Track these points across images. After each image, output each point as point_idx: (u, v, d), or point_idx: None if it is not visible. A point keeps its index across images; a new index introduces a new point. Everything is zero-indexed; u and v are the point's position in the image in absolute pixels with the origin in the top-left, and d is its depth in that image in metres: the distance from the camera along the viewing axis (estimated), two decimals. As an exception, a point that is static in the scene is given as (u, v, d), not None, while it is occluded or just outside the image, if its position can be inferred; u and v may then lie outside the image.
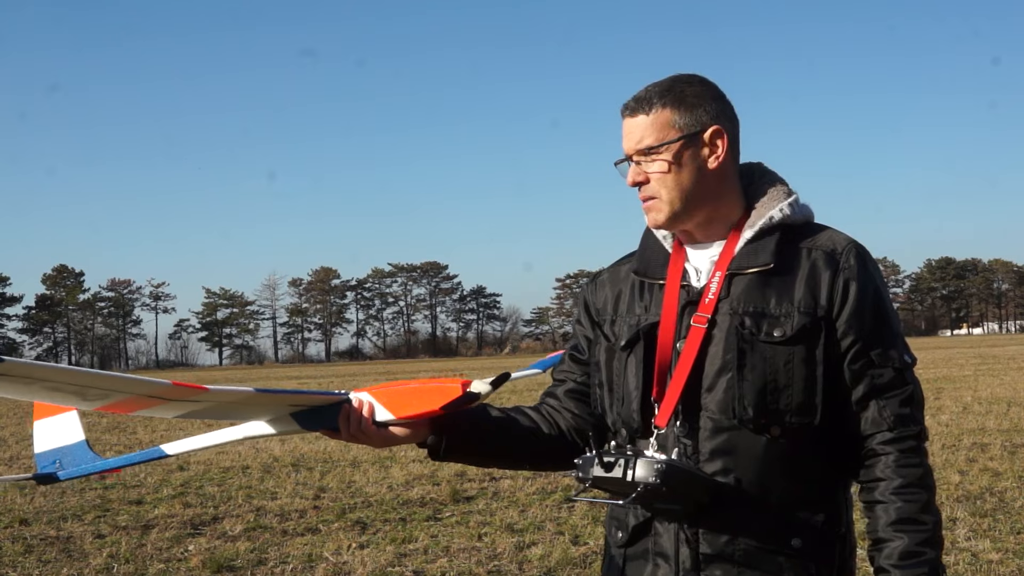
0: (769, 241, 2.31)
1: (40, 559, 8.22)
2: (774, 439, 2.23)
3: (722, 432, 2.25)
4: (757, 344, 2.24)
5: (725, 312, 2.28)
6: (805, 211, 2.39)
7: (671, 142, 2.31)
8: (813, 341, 2.24)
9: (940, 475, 10.72)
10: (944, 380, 27.74)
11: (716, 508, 2.23)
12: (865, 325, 2.26)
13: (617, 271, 2.55)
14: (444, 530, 8.85)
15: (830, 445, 2.29)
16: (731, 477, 2.24)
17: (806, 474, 2.26)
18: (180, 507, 10.36)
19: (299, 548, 8.33)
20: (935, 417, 16.77)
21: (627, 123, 2.35)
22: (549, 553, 7.72)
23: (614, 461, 2.18)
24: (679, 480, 2.17)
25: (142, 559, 8.09)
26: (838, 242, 2.32)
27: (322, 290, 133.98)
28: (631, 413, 2.34)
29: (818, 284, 2.27)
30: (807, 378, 2.23)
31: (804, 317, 2.24)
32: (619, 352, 2.40)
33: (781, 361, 2.23)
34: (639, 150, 2.33)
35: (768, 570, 2.24)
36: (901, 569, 2.18)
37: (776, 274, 2.28)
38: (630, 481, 2.16)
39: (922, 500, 2.22)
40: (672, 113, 2.31)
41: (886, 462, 2.24)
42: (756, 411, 2.22)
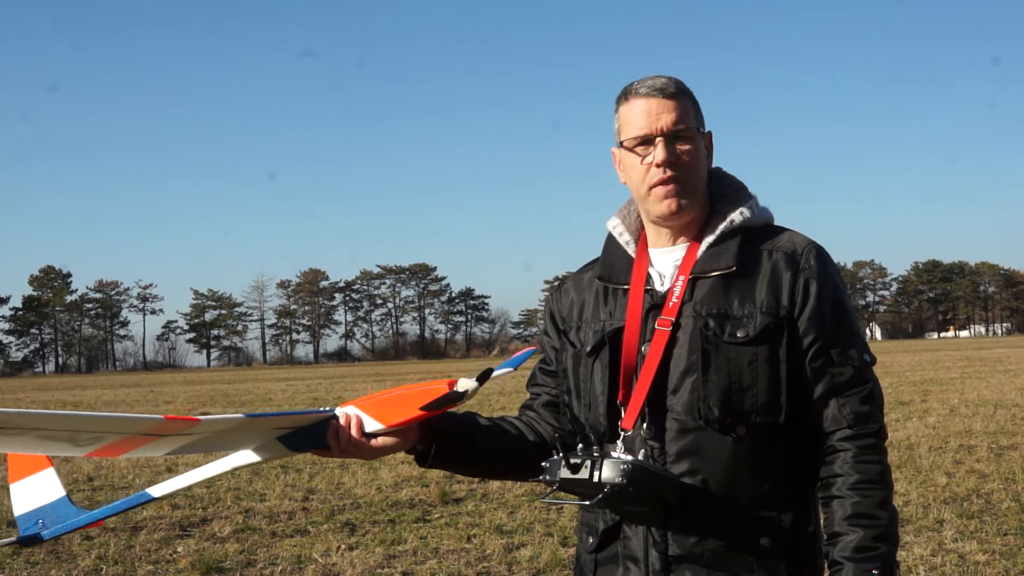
0: (731, 244, 2.35)
1: (28, 561, 8.19)
2: (740, 439, 2.26)
3: (688, 433, 2.27)
4: (721, 345, 2.27)
5: (689, 315, 2.31)
6: (765, 213, 2.43)
7: (700, 131, 2.38)
8: (776, 341, 2.27)
9: (927, 477, 10.77)
10: (931, 383, 27.82)
11: (684, 509, 2.26)
12: (825, 324, 2.30)
13: (580, 278, 2.58)
14: (433, 532, 8.86)
15: (796, 444, 2.32)
16: (698, 478, 2.26)
17: (773, 473, 2.29)
18: (169, 509, 10.34)
19: (288, 550, 8.33)
20: (922, 419, 16.84)
21: (657, 103, 2.35)
22: (538, 555, 7.74)
23: (580, 463, 2.20)
24: (645, 480, 2.19)
25: (131, 561, 8.08)
26: (798, 243, 2.37)
27: (310, 292, 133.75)
28: (598, 417, 2.37)
29: (779, 285, 2.31)
30: (771, 377, 2.26)
31: (766, 317, 2.28)
32: (585, 358, 2.42)
33: (745, 361, 2.26)
34: (679, 130, 2.34)
35: (738, 570, 2.26)
36: (854, 563, 2.21)
37: (738, 276, 2.32)
38: (596, 482, 2.18)
39: (879, 496, 2.25)
40: (691, 106, 2.38)
41: (844, 458, 2.28)
42: (721, 411, 2.25)
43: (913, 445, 13.43)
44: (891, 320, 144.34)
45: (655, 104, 2.34)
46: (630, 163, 2.38)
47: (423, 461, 2.50)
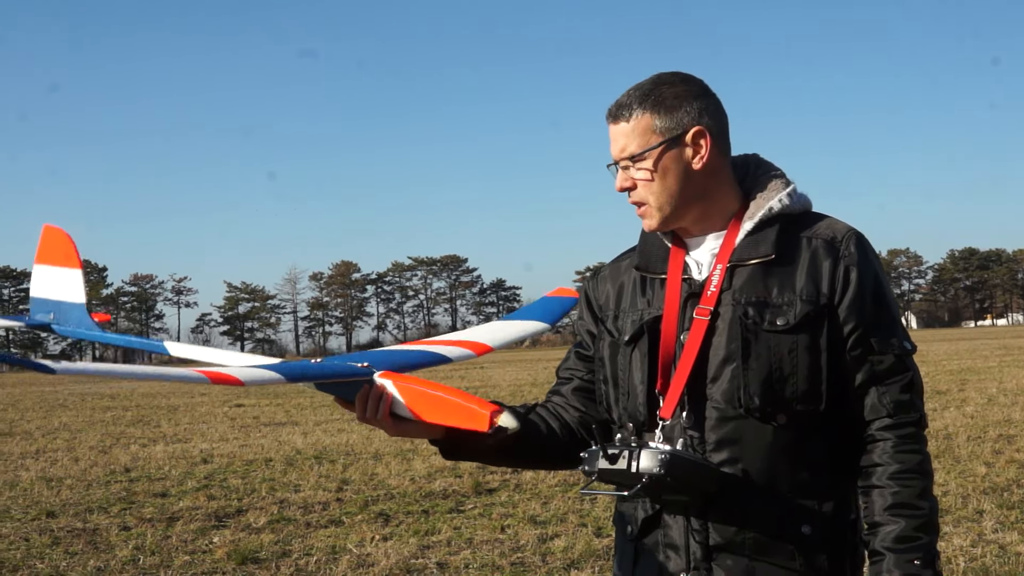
0: (769, 232, 2.32)
1: (67, 551, 8.28)
2: (780, 427, 2.24)
3: (728, 422, 2.26)
4: (761, 333, 2.25)
5: (728, 303, 2.29)
6: (803, 200, 2.40)
7: (653, 148, 2.32)
8: (816, 329, 2.25)
9: (966, 467, 10.66)
10: (968, 371, 27.54)
11: (724, 498, 2.24)
12: (865, 312, 2.27)
13: (618, 266, 2.56)
14: (467, 522, 8.86)
15: (836, 432, 2.30)
16: (738, 466, 2.25)
17: (814, 461, 2.27)
18: (204, 499, 10.42)
19: (323, 540, 8.36)
20: (960, 409, 16.68)
21: (611, 129, 2.37)
22: (572, 545, 7.72)
23: (618, 453, 2.19)
24: (683, 470, 2.18)
25: (167, 551, 8.14)
26: (837, 230, 2.34)
27: (342, 284, 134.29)
28: (637, 406, 2.35)
29: (819, 272, 2.28)
30: (811, 366, 2.24)
31: (807, 305, 2.26)
32: (623, 347, 2.41)
33: (785, 349, 2.24)
34: (623, 158, 2.34)
35: (779, 559, 2.24)
36: (896, 553, 2.19)
37: (777, 264, 2.30)
38: (634, 472, 2.17)
39: (919, 486, 2.23)
40: (652, 118, 2.32)
41: (884, 448, 2.26)
42: (762, 400, 2.23)
43: (951, 435, 13.30)
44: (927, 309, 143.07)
45: (611, 131, 2.37)
46: None
47: (447, 454, 2.49)
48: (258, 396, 26.66)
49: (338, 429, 17.29)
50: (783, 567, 2.24)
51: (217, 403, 26.18)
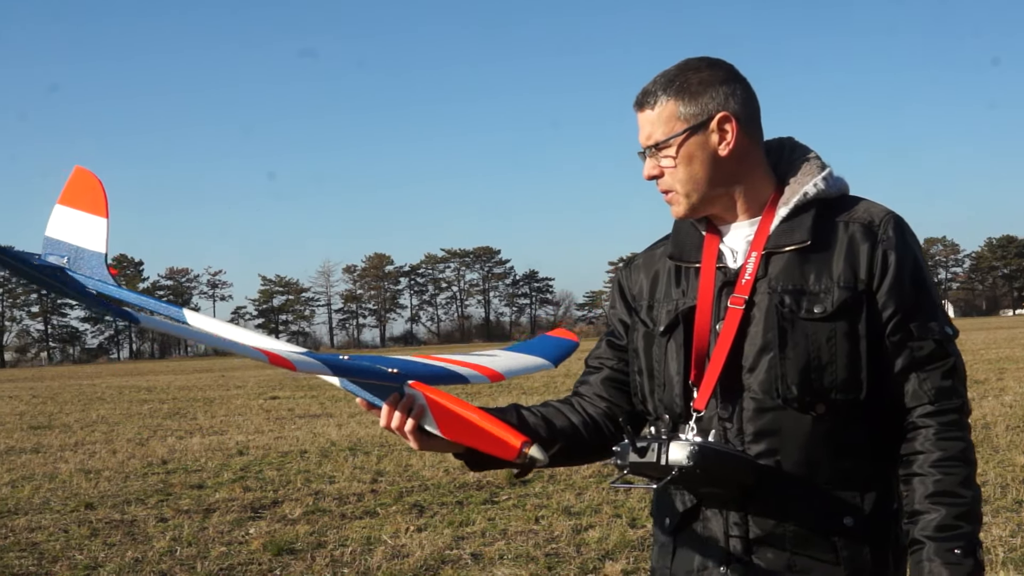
0: (805, 218, 2.28)
1: (105, 542, 8.36)
2: (819, 417, 2.20)
3: (766, 412, 2.22)
4: (798, 322, 2.21)
5: (763, 291, 2.25)
6: (840, 184, 2.34)
7: (677, 135, 2.28)
8: (855, 315, 2.20)
9: (1005, 457, 10.54)
10: (1007, 360, 27.23)
11: (763, 490, 2.20)
12: (905, 297, 2.22)
13: (652, 255, 2.52)
14: (501, 513, 8.87)
15: (877, 421, 2.24)
16: (776, 458, 2.21)
17: (854, 451, 2.23)
18: (240, 491, 10.49)
19: (357, 531, 8.40)
20: (998, 398, 16.50)
21: (638, 117, 2.35)
22: (606, 536, 7.71)
23: (646, 446, 2.16)
24: (713, 461, 2.14)
25: (204, 542, 8.20)
26: (875, 214, 2.28)
27: (376, 276, 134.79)
28: (673, 398, 2.32)
29: (857, 257, 2.23)
30: (851, 353, 2.19)
31: (844, 292, 2.21)
32: (658, 338, 2.37)
33: (823, 337, 2.20)
34: (649, 146, 2.32)
35: (820, 552, 2.20)
36: (936, 542, 2.14)
37: (814, 250, 2.25)
38: (664, 465, 2.13)
39: (961, 474, 2.18)
40: (677, 104, 2.29)
41: (926, 435, 2.20)
42: (800, 389, 2.19)
43: (989, 424, 13.15)
44: (964, 297, 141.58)
45: (638, 119, 2.35)
46: None
47: (474, 467, 2.44)
48: (293, 388, 26.83)
49: (372, 421, 17.34)
50: (825, 560, 2.20)
51: (252, 395, 26.37)
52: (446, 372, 2.70)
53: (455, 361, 2.87)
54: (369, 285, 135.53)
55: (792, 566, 2.21)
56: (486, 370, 2.83)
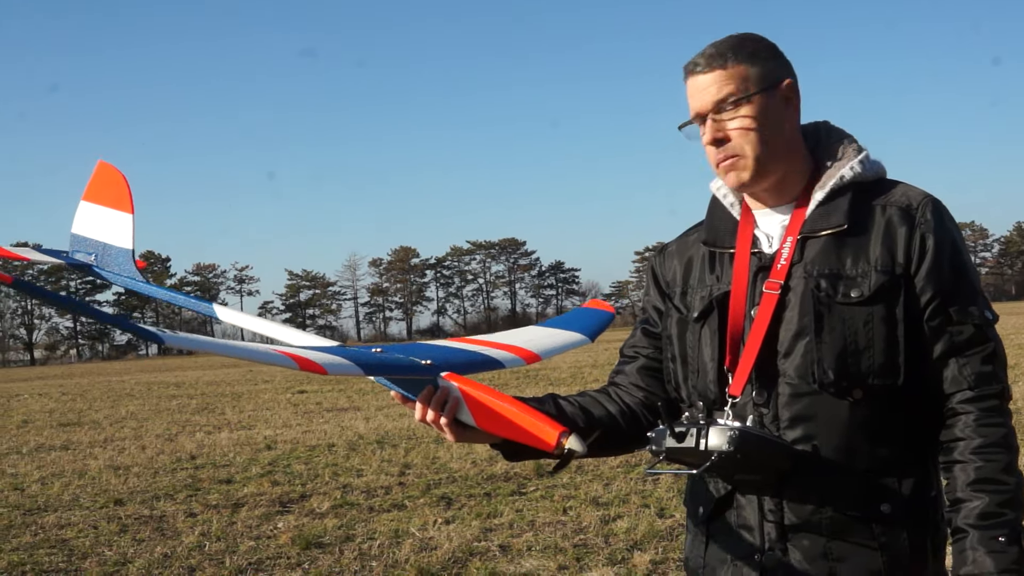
0: (842, 201, 2.24)
1: (135, 538, 8.40)
2: (856, 403, 2.16)
3: (802, 398, 2.18)
4: (835, 306, 2.17)
5: (799, 276, 2.21)
6: (877, 167, 2.30)
7: (752, 95, 2.23)
8: (892, 300, 2.16)
9: (1037, 442, 10.41)
10: (1038, 345, 26.96)
11: (799, 476, 2.16)
12: (944, 281, 2.18)
13: (685, 241, 2.49)
14: (529, 504, 8.84)
15: (915, 407, 2.20)
16: (813, 444, 2.17)
17: (892, 437, 2.18)
18: (268, 485, 10.52)
19: (385, 524, 8.40)
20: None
21: (699, 80, 2.26)
22: (635, 526, 7.67)
23: (685, 431, 2.12)
24: (753, 447, 2.10)
25: (233, 537, 8.22)
26: (913, 197, 2.24)
27: (402, 269, 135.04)
28: (707, 384, 2.28)
29: (895, 241, 2.19)
30: (888, 338, 2.15)
31: (882, 276, 2.17)
32: (692, 324, 2.34)
33: (860, 322, 2.16)
34: (719, 102, 2.24)
35: (858, 539, 2.16)
36: (980, 530, 2.09)
37: (851, 234, 2.21)
38: (703, 450, 2.10)
39: (1003, 460, 2.13)
40: (748, 67, 2.24)
41: (966, 421, 2.16)
42: (837, 374, 2.15)
43: (1019, 410, 12.99)
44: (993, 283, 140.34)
45: (700, 81, 2.26)
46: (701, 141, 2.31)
47: (510, 457, 2.42)
48: (320, 383, 26.90)
49: (399, 414, 17.37)
50: (862, 546, 2.16)
51: (280, 390, 26.47)
52: (480, 358, 2.67)
53: (489, 343, 2.84)
54: (395, 278, 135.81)
55: (828, 553, 2.17)
56: (521, 351, 2.80)
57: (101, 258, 3.22)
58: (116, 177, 3.27)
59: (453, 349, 2.71)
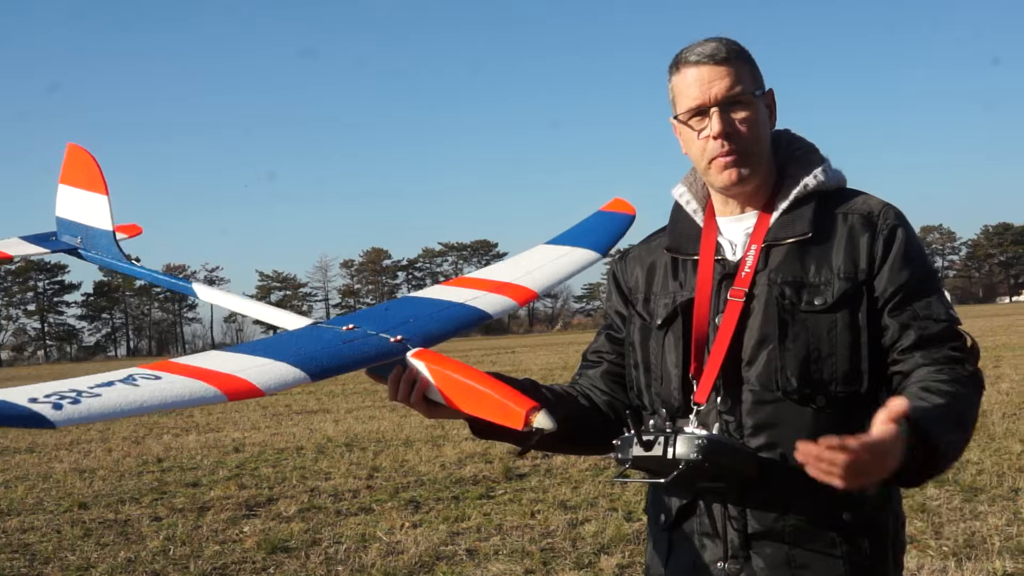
0: (805, 210, 2.25)
1: (98, 542, 8.32)
2: (820, 410, 2.17)
3: (765, 405, 2.18)
4: (798, 314, 2.18)
5: (763, 284, 2.22)
6: (838, 176, 2.32)
7: (758, 95, 2.26)
8: (855, 306, 2.17)
9: (1001, 445, 10.51)
10: (1003, 348, 27.22)
11: (763, 484, 2.16)
12: (907, 278, 2.18)
13: (647, 247, 2.49)
14: (497, 508, 8.83)
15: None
16: (777, 451, 2.17)
17: None
18: (235, 489, 10.45)
19: (352, 528, 8.35)
20: (994, 386, 16.47)
21: (709, 70, 2.23)
22: (602, 530, 7.67)
23: (653, 439, 2.11)
24: (721, 455, 2.10)
25: (198, 541, 8.16)
26: (874, 205, 2.26)
27: (373, 271, 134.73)
28: (671, 391, 2.28)
29: (857, 248, 2.20)
30: (851, 345, 2.16)
31: (845, 283, 2.18)
32: (656, 331, 2.34)
33: (824, 330, 2.16)
34: (732, 97, 2.22)
35: (819, 546, 2.17)
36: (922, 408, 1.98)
37: (814, 243, 2.22)
38: (671, 459, 2.09)
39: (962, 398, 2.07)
40: (749, 68, 2.27)
41: (933, 368, 2.11)
42: (800, 382, 2.16)
43: (986, 412, 13.10)
44: (961, 285, 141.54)
45: (706, 72, 2.23)
46: (688, 136, 2.28)
47: (478, 433, 2.40)
48: (290, 384, 26.71)
49: (369, 416, 17.32)
50: (824, 554, 2.17)
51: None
52: (465, 314, 2.62)
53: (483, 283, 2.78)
54: (367, 279, 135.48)
55: (791, 561, 2.18)
56: (516, 290, 2.74)
57: (86, 240, 3.26)
58: (86, 159, 3.30)
59: (435, 306, 2.66)
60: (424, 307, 2.68)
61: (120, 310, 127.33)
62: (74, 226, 3.29)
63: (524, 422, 2.16)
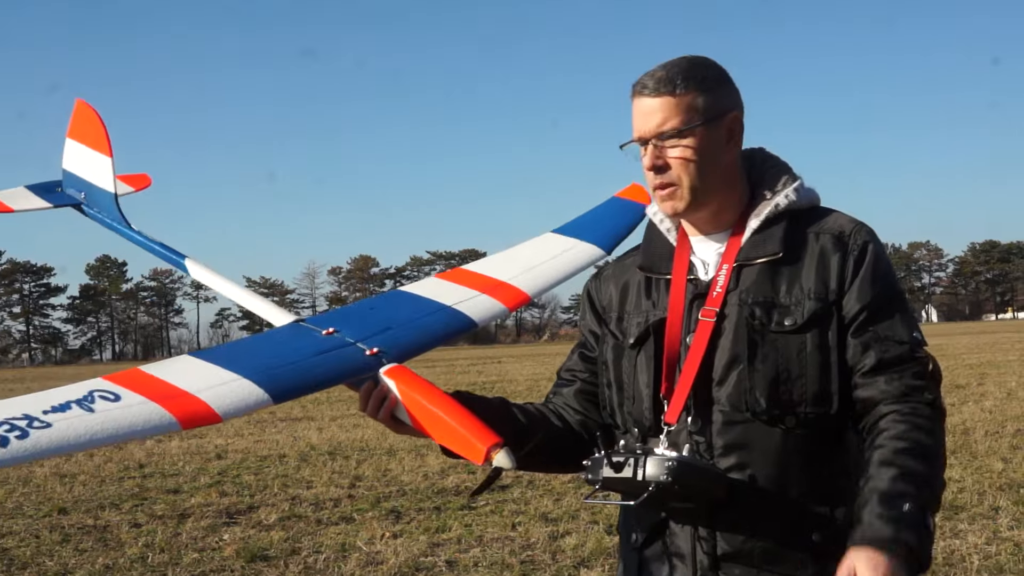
0: (776, 229, 2.25)
1: (77, 548, 8.27)
2: (789, 431, 2.16)
3: (735, 426, 2.18)
4: (768, 334, 2.18)
5: (734, 304, 2.22)
6: (810, 195, 2.32)
7: (696, 126, 2.21)
8: (825, 327, 2.17)
9: (983, 463, 10.54)
10: (988, 365, 27.31)
11: (733, 505, 2.16)
12: (872, 298, 2.19)
13: (622, 265, 2.48)
14: (478, 519, 8.81)
15: (848, 435, 2.21)
16: (746, 472, 2.17)
17: (824, 466, 2.19)
18: (216, 496, 10.41)
19: (333, 538, 8.33)
20: (978, 403, 16.53)
21: (645, 103, 2.24)
22: (583, 543, 7.66)
23: (623, 461, 2.12)
24: (691, 477, 2.10)
25: (177, 548, 8.12)
26: (845, 225, 2.26)
27: (361, 278, 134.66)
28: (643, 411, 2.28)
29: (827, 268, 2.20)
30: (821, 366, 2.16)
31: (815, 303, 2.18)
32: (628, 350, 2.33)
33: (794, 351, 2.16)
34: (662, 133, 2.22)
35: (788, 568, 2.17)
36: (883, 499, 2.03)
37: (785, 262, 2.22)
38: (641, 480, 2.09)
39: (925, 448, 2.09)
40: (696, 96, 2.22)
41: (892, 417, 2.13)
42: (769, 403, 2.16)
43: (969, 430, 13.16)
44: (947, 302, 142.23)
45: (645, 104, 2.23)
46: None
47: (447, 453, 2.41)
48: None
49: (353, 425, 17.28)
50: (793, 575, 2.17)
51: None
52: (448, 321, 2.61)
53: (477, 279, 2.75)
54: (354, 287, 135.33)
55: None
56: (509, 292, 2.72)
57: (89, 197, 3.28)
58: (93, 118, 3.35)
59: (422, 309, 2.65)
60: (410, 309, 2.68)
61: (106, 314, 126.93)
62: (79, 181, 3.31)
63: (484, 458, 2.18)
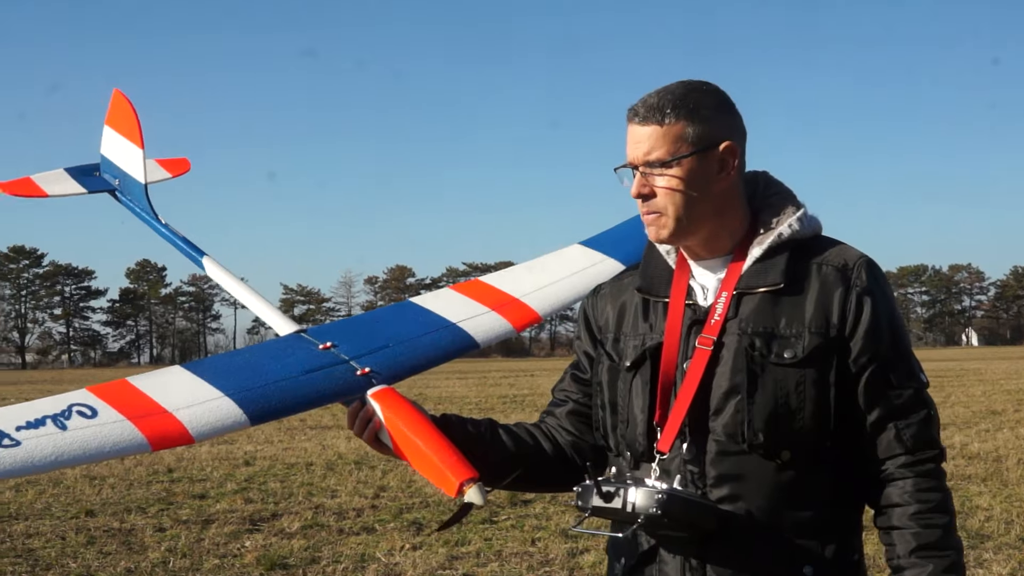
0: (779, 259, 2.22)
1: (101, 551, 8.36)
2: (784, 464, 2.14)
3: (729, 456, 2.16)
4: (768, 366, 2.15)
5: (733, 333, 2.19)
6: (814, 224, 2.29)
7: (683, 157, 2.20)
8: (826, 362, 2.15)
9: (1013, 491, 10.40)
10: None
11: (724, 536, 2.14)
12: (882, 345, 2.17)
13: (620, 284, 2.45)
14: (499, 534, 8.81)
15: (842, 469, 2.20)
16: (739, 504, 2.15)
17: (818, 500, 2.17)
18: (242, 502, 10.48)
19: (353, 548, 8.36)
20: (1013, 430, 16.30)
21: (635, 130, 2.23)
22: (601, 560, 7.63)
23: (614, 491, 2.10)
24: (680, 510, 2.08)
25: (199, 554, 8.19)
26: (849, 257, 2.23)
27: (397, 288, 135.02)
28: (636, 436, 2.26)
29: (830, 302, 2.18)
30: (819, 401, 2.14)
31: (816, 337, 2.15)
32: (624, 373, 2.31)
33: (792, 384, 2.14)
34: (648, 162, 2.21)
35: None
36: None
37: (786, 293, 2.19)
38: (630, 512, 2.08)
39: (943, 526, 2.14)
40: (686, 125, 2.20)
41: (904, 487, 2.16)
42: (766, 435, 2.13)
43: (1001, 457, 12.98)
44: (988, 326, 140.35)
45: (634, 132, 2.23)
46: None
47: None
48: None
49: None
50: None
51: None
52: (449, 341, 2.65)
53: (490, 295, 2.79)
54: (390, 296, 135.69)
55: None
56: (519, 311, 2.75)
57: (123, 185, 3.39)
58: (128, 110, 3.47)
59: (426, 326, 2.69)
60: (414, 325, 2.71)
61: (145, 317, 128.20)
62: (116, 168, 3.42)
63: (456, 491, 2.24)
